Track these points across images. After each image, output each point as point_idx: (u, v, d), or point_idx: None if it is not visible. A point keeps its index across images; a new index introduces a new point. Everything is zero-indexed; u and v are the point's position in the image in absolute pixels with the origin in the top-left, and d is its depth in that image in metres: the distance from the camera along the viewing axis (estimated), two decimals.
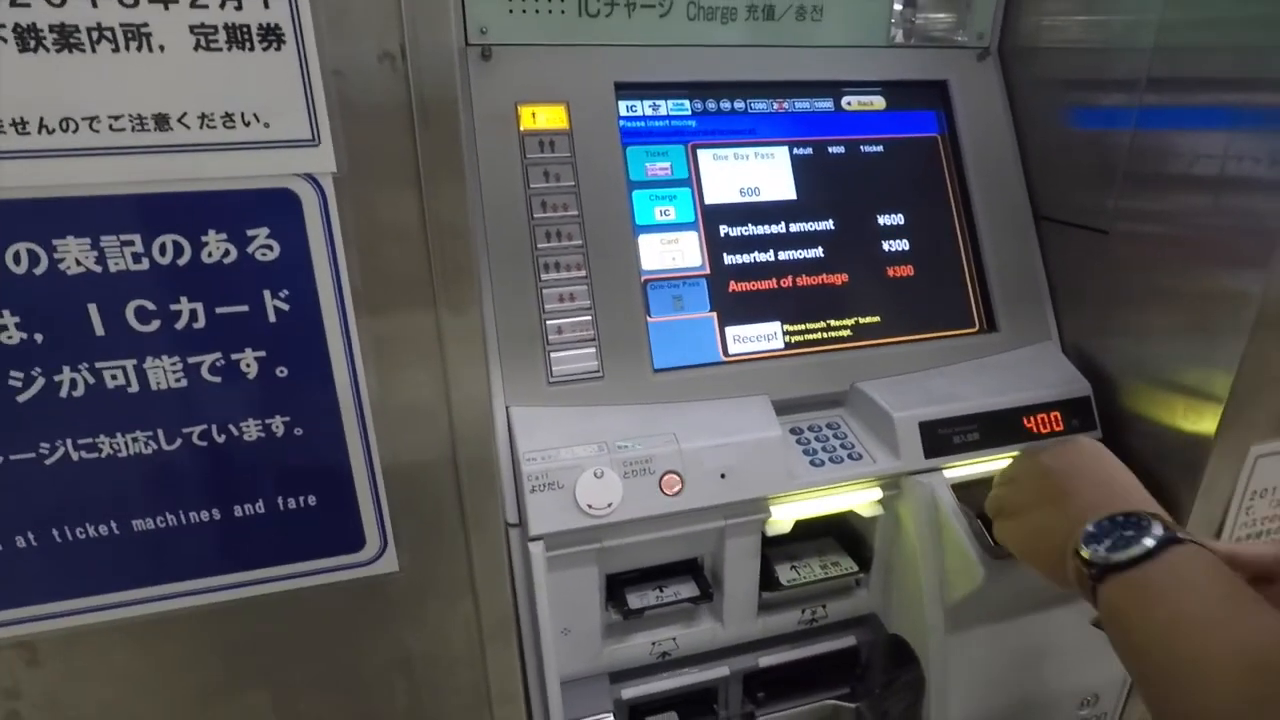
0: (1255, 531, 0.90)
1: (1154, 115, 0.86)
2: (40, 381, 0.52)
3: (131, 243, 0.50)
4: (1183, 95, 0.84)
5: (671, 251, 0.90)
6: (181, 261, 0.51)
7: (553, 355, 0.83)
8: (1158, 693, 0.50)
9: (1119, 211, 0.91)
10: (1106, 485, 0.65)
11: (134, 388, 0.53)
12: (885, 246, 0.97)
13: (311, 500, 0.59)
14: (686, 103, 0.94)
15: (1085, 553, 0.57)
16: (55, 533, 0.56)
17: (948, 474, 0.86)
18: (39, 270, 0.50)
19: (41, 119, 0.46)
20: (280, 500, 0.59)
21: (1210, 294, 0.81)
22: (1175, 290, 0.85)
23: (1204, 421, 0.83)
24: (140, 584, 0.58)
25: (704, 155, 0.93)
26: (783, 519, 0.85)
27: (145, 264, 0.51)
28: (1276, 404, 0.83)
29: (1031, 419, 0.90)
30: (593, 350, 0.85)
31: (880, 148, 0.99)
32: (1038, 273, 1.00)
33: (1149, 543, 0.53)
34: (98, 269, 0.50)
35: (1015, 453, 0.87)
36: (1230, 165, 0.78)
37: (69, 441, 0.54)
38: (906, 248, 0.97)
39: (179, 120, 0.48)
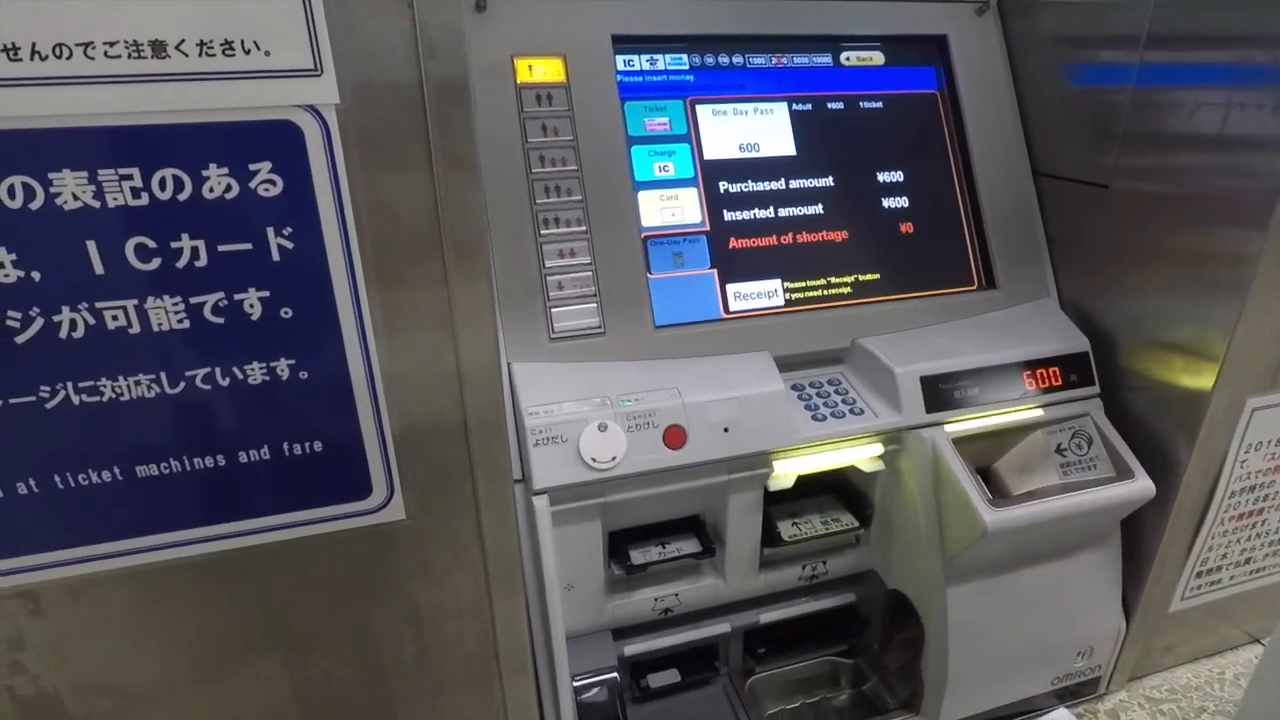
0: (1250, 485, 0.91)
1: (1155, 72, 0.86)
2: (39, 322, 0.51)
3: (130, 176, 0.49)
4: (1183, 52, 0.84)
5: (671, 208, 0.90)
6: (182, 197, 0.50)
7: (554, 311, 0.83)
8: None
9: (1118, 169, 0.91)
10: None
11: (135, 328, 0.52)
12: (885, 203, 0.96)
13: (317, 446, 0.59)
14: (685, 57, 0.93)
15: None
16: (57, 479, 0.55)
17: (948, 428, 0.87)
18: (35, 205, 0.48)
19: (34, 45, 0.45)
20: (285, 446, 0.58)
21: (1209, 251, 0.82)
22: (1174, 247, 0.86)
23: (1201, 376, 0.83)
24: (144, 532, 0.58)
25: (703, 111, 0.93)
26: (785, 474, 0.85)
27: (145, 199, 0.50)
28: (1272, 356, 0.83)
29: (1031, 374, 0.90)
30: (594, 306, 0.84)
31: (880, 104, 0.98)
32: (1037, 230, 1.00)
33: None
34: (95, 204, 0.49)
35: (1016, 407, 0.89)
36: (1231, 123, 0.78)
37: (70, 384, 0.53)
38: (906, 205, 0.97)
39: (177, 47, 0.47)
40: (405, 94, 0.52)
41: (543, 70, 0.86)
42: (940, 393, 0.87)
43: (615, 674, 0.86)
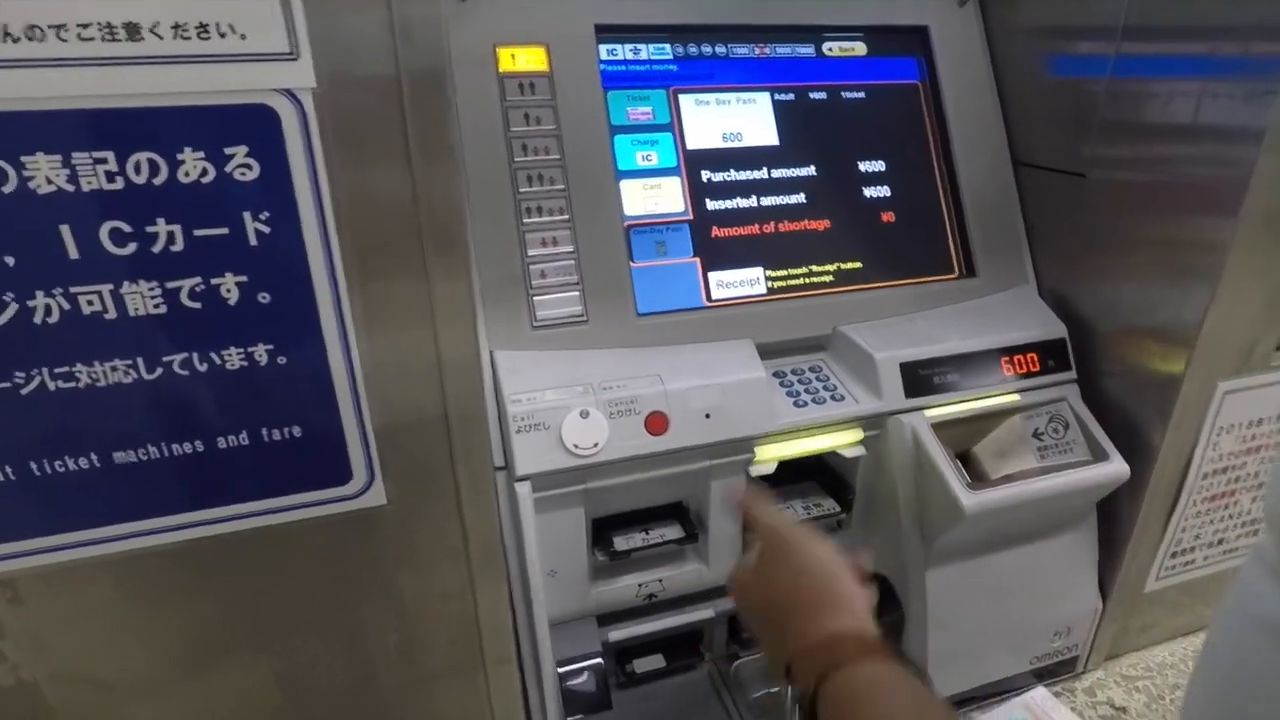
0: (1222, 467, 0.93)
1: (1130, 63, 0.87)
2: (13, 307, 0.50)
3: (105, 160, 0.49)
4: (1158, 43, 0.85)
5: (654, 197, 0.90)
6: (158, 181, 0.50)
7: (536, 299, 0.83)
8: None
9: (1095, 158, 0.92)
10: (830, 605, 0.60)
11: (111, 314, 0.52)
12: (866, 193, 0.97)
13: (296, 431, 0.59)
14: (668, 47, 0.93)
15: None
16: (34, 466, 0.54)
17: (928, 413, 0.88)
18: (8, 189, 0.48)
19: (5, 26, 0.45)
20: (264, 431, 0.58)
21: (1182, 239, 0.83)
22: (1149, 235, 0.87)
23: (1174, 361, 0.85)
24: (123, 519, 0.57)
25: (685, 100, 0.93)
26: (767, 459, 0.86)
27: (120, 183, 0.49)
28: (1242, 341, 0.85)
29: (1009, 360, 0.91)
30: (576, 294, 0.84)
31: (862, 94, 0.99)
32: (1016, 219, 1.01)
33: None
34: (70, 188, 0.49)
35: (994, 392, 0.90)
36: (1203, 113, 0.79)
37: (45, 370, 0.52)
38: (887, 194, 0.98)
39: (151, 30, 0.46)
40: (382, 80, 0.52)
41: (525, 59, 0.86)
42: (920, 378, 0.88)
43: (600, 659, 0.87)
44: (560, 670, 0.84)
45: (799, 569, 0.61)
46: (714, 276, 0.90)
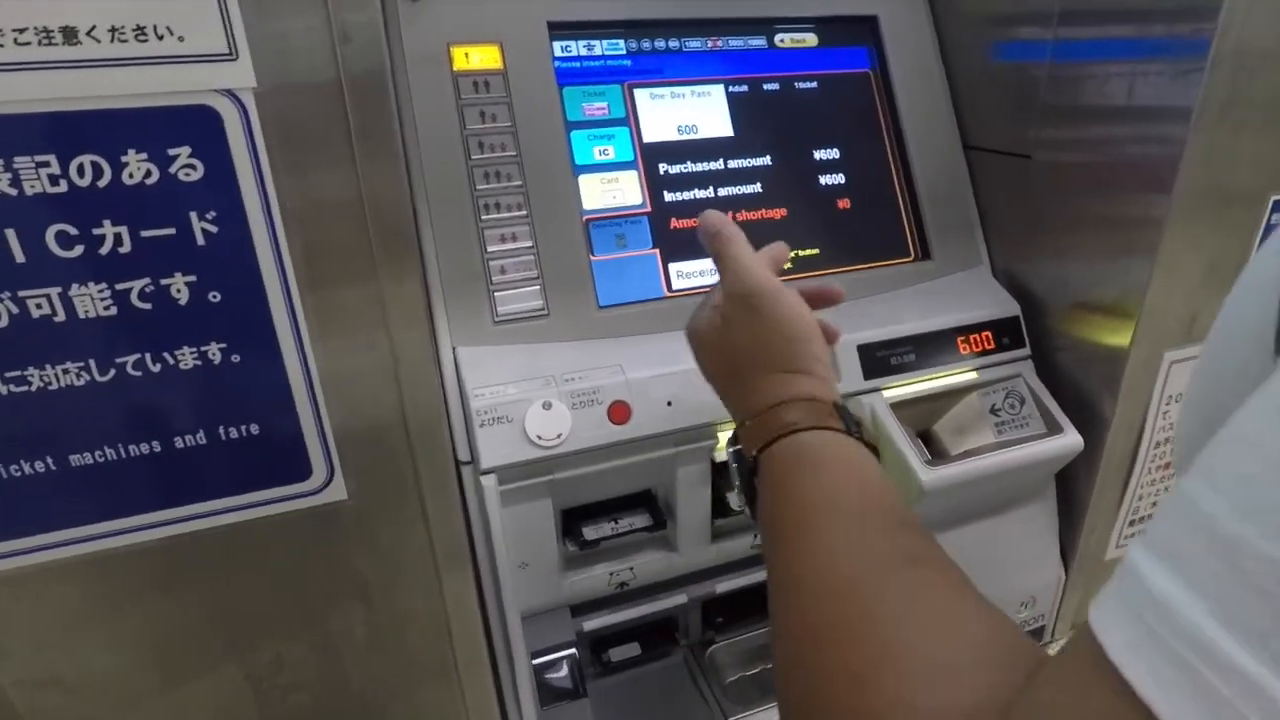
0: (1172, 435, 0.95)
1: (1067, 48, 0.90)
2: None
3: (47, 164, 0.49)
4: (1091, 27, 0.88)
5: (612, 190, 0.91)
6: (102, 183, 0.50)
7: (497, 295, 0.84)
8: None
9: (1040, 141, 0.95)
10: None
11: (60, 317, 0.52)
12: (822, 180, 0.99)
13: (254, 429, 0.59)
14: (621, 42, 0.94)
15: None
16: None
17: (887, 394, 0.90)
18: None
19: None
20: (221, 430, 0.58)
21: (1122, 216, 0.86)
22: (1092, 213, 0.90)
23: (1120, 334, 0.87)
24: (80, 522, 0.58)
25: (641, 95, 0.94)
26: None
27: (64, 186, 0.50)
28: (1184, 313, 0.88)
29: (965, 339, 0.93)
30: (537, 289, 0.85)
31: (814, 84, 1.01)
32: (968, 201, 1.03)
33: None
34: (13, 192, 0.49)
35: (951, 371, 0.92)
36: (1136, 94, 0.82)
37: None
38: (842, 181, 1.00)
39: (88, 33, 0.47)
40: (323, 82, 0.53)
41: (479, 58, 0.86)
42: (878, 360, 0.90)
43: (574, 650, 0.88)
44: (535, 662, 0.85)
45: (768, 330, 0.56)
46: (674, 267, 0.92)
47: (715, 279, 0.92)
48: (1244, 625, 0.22)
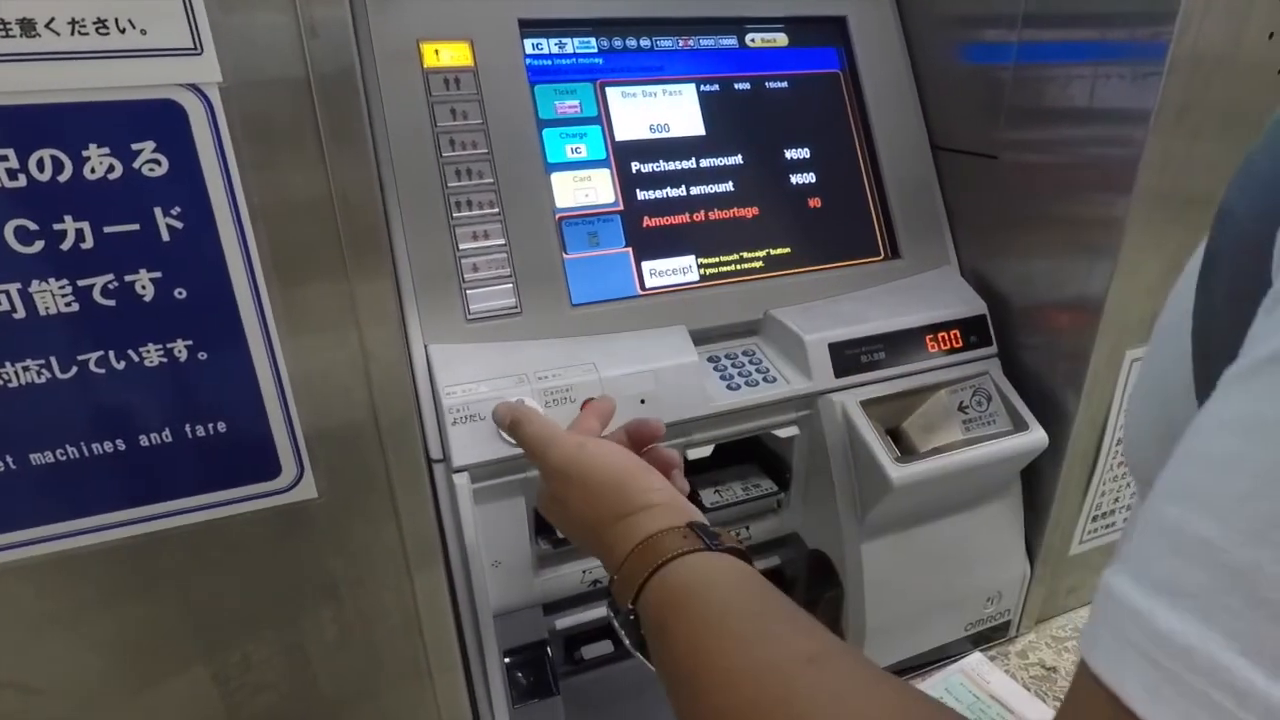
0: (1122, 439, 0.98)
1: (1030, 50, 0.92)
2: None
3: (5, 158, 0.48)
4: (1054, 29, 0.90)
5: (585, 188, 0.91)
6: (63, 178, 0.50)
7: (469, 293, 0.84)
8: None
9: (1005, 141, 0.96)
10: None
11: (20, 313, 0.51)
12: (793, 180, 1.00)
13: (221, 427, 0.59)
14: (593, 40, 0.95)
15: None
16: None
17: (857, 392, 0.91)
18: None
19: None
20: (188, 428, 0.58)
21: (1085, 216, 0.88)
22: (1056, 214, 0.92)
23: (1083, 333, 0.89)
24: (42, 521, 0.57)
25: (612, 93, 0.94)
26: (703, 442, 0.88)
27: (23, 180, 0.49)
28: (1145, 312, 0.90)
29: (933, 337, 0.95)
30: (510, 287, 0.85)
31: (785, 84, 1.02)
32: (937, 201, 1.05)
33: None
34: None
35: (920, 369, 0.93)
36: (1098, 96, 0.84)
37: None
38: (813, 181, 1.01)
39: (47, 26, 0.46)
40: (291, 79, 0.53)
41: (450, 55, 0.86)
42: (848, 358, 0.91)
43: (547, 648, 0.88)
44: (507, 660, 0.85)
45: (592, 489, 0.56)
46: (647, 265, 0.92)
47: (688, 277, 0.94)
48: (1276, 658, 0.21)
